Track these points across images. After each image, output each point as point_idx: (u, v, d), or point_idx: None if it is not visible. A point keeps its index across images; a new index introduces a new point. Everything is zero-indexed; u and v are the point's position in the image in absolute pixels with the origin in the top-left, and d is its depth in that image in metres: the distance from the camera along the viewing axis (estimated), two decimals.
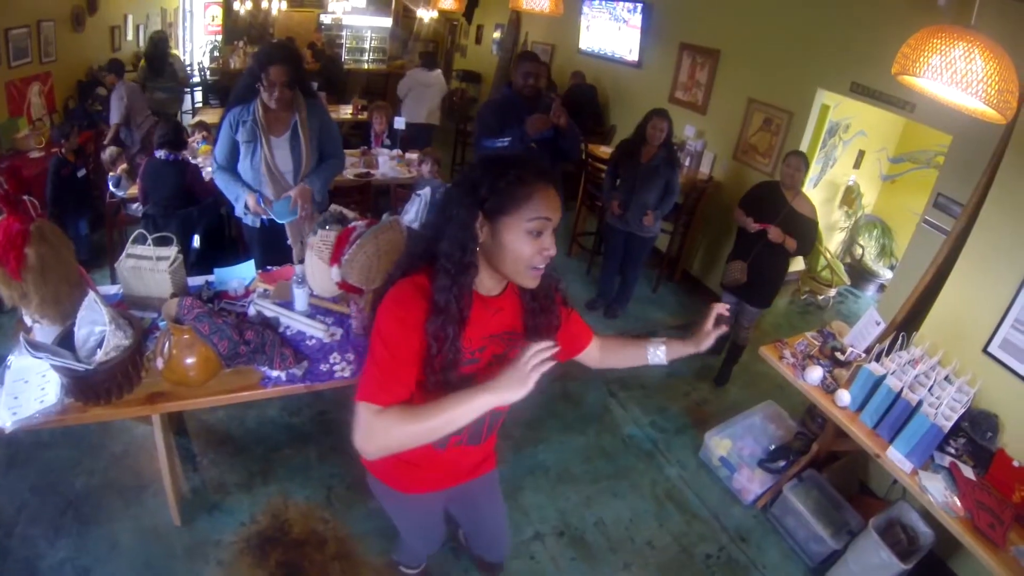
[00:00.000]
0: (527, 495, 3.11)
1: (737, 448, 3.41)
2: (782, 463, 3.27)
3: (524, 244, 1.35)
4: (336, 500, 2.92)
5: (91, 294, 2.12)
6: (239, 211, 3.30)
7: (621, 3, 6.68)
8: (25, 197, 2.19)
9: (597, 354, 1.85)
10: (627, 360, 1.83)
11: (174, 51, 8.95)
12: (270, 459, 3.10)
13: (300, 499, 2.91)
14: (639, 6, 6.38)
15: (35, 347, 1.97)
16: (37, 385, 2.12)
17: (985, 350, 2.79)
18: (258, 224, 3.34)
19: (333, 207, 2.97)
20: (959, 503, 2.34)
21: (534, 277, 1.40)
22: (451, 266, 1.35)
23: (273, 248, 3.37)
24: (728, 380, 4.30)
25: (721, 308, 1.70)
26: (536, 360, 1.27)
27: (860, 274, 6.15)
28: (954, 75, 1.92)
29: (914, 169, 6.07)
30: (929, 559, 2.70)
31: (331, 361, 2.47)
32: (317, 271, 2.69)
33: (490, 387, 1.28)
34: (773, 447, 3.38)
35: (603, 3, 6.98)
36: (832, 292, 5.71)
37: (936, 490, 2.35)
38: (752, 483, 3.24)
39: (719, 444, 3.43)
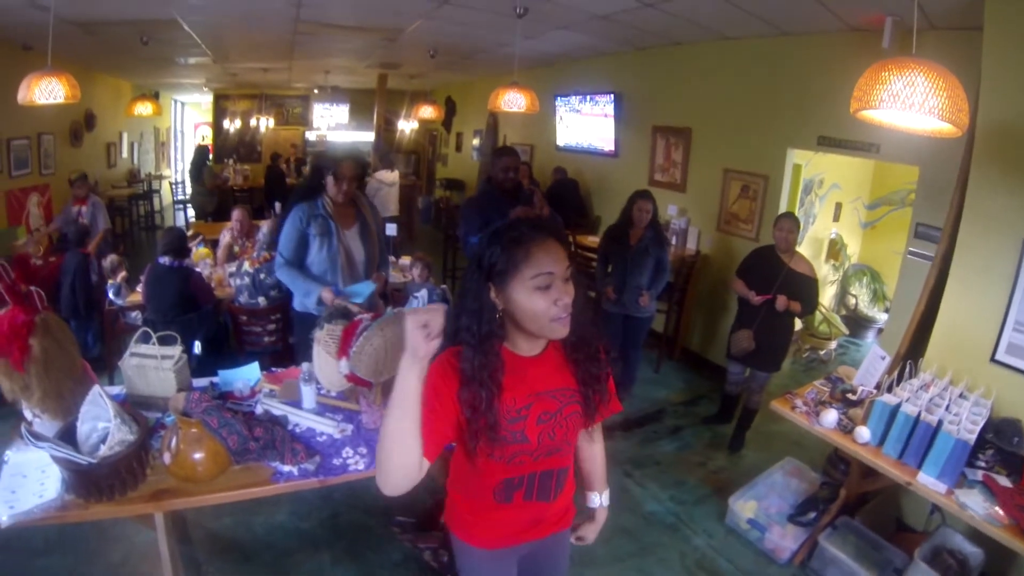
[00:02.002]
0: None
1: (763, 507, 3.30)
2: (812, 514, 3.16)
3: (536, 300, 1.37)
4: None
5: (96, 388, 2.06)
6: (308, 304, 3.31)
7: (592, 96, 7.00)
8: (32, 288, 2.19)
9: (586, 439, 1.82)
10: (583, 471, 1.89)
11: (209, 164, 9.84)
12: (281, 565, 2.95)
13: None
14: (610, 96, 6.68)
15: (36, 437, 1.92)
16: (36, 480, 2.04)
17: (993, 359, 2.82)
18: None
19: (337, 302, 3.00)
20: (1001, 512, 2.27)
21: (560, 327, 1.40)
22: (470, 337, 1.40)
23: None
24: (742, 446, 4.24)
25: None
26: (415, 324, 1.24)
27: (857, 323, 6.20)
28: (907, 98, 2.03)
29: (891, 211, 6.29)
30: None
31: (344, 456, 2.39)
32: (325, 365, 2.66)
33: (409, 357, 1.27)
34: (801, 500, 3.28)
35: (575, 98, 7.31)
36: (833, 345, 5.72)
37: (975, 504, 2.29)
38: (785, 540, 3.12)
39: (744, 507, 3.32)
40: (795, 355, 5.79)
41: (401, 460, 1.31)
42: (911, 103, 2.02)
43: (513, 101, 4.84)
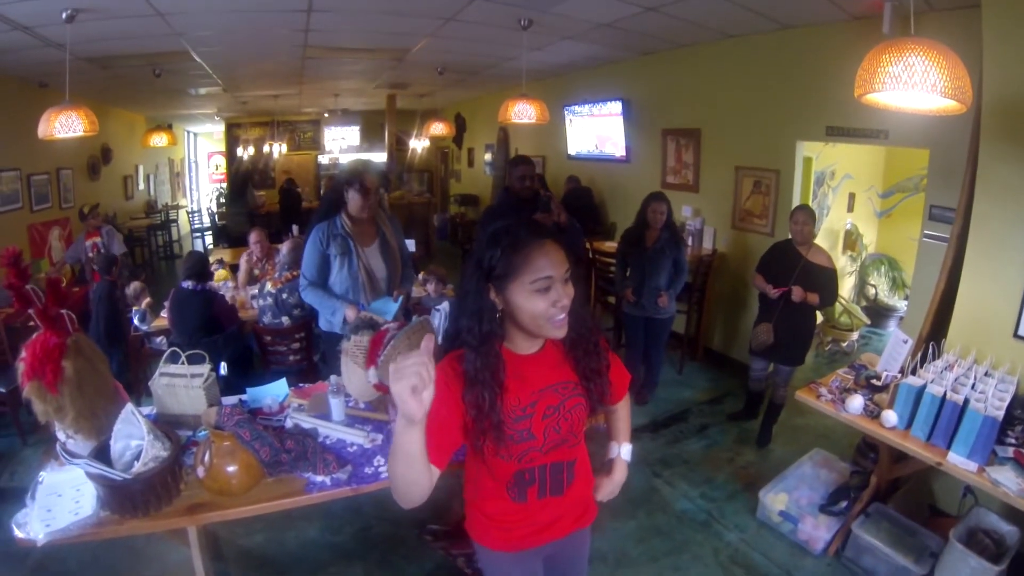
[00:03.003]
0: None
1: (794, 499, 3.28)
2: (844, 503, 3.14)
3: (535, 302, 1.39)
4: None
5: (128, 406, 2.09)
6: (333, 324, 3.34)
7: (601, 104, 7.04)
8: (63, 312, 2.23)
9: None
10: (607, 424, 1.90)
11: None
12: None
13: None
14: (618, 103, 6.71)
15: (71, 455, 1.95)
16: (71, 498, 2.06)
17: (1016, 335, 2.80)
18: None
19: (363, 314, 3.03)
20: None
21: (557, 328, 1.43)
22: (471, 338, 1.42)
23: None
24: (770, 440, 4.22)
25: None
26: (405, 391, 1.12)
27: (878, 313, 6.18)
28: (908, 77, 2.05)
29: (905, 198, 6.29)
30: (1020, 560, 2.57)
31: (375, 464, 2.40)
32: (353, 376, 2.68)
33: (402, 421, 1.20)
34: (831, 490, 3.26)
35: (584, 106, 7.36)
36: (855, 336, 5.70)
37: (1008, 480, 2.26)
38: (818, 530, 3.10)
39: (775, 499, 3.31)
40: (818, 348, 5.76)
41: (411, 488, 1.33)
42: (912, 82, 2.05)
43: (523, 112, 4.88)
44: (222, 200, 12.98)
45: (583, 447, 1.68)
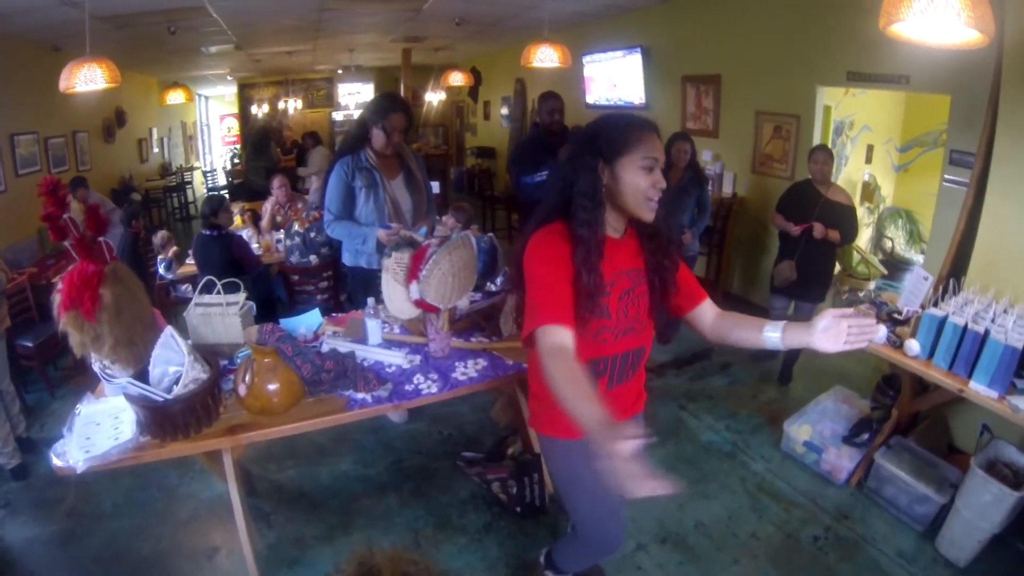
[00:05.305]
0: None
1: (818, 431, 3.34)
2: (866, 435, 3.18)
3: (640, 178, 1.57)
4: (424, 541, 2.83)
5: (168, 330, 2.08)
6: (360, 256, 3.35)
7: (618, 52, 6.96)
8: (101, 239, 2.21)
9: (710, 320, 1.80)
10: (742, 336, 1.71)
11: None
12: (349, 510, 3.02)
13: (386, 544, 2.75)
14: (636, 50, 6.64)
15: (112, 376, 1.96)
16: (110, 426, 2.07)
17: None
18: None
19: (403, 232, 3.03)
20: None
21: (651, 209, 1.60)
22: (587, 202, 1.57)
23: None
24: (791, 379, 4.28)
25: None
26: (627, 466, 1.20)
27: (894, 266, 6.15)
28: (935, 6, 2.01)
29: (923, 152, 6.20)
30: None
31: (415, 382, 2.44)
32: (393, 293, 2.70)
33: (604, 438, 1.22)
34: (853, 424, 3.30)
35: (602, 54, 7.29)
36: (871, 285, 5.70)
37: None
38: (842, 460, 3.15)
39: (799, 430, 3.37)
40: (834, 297, 5.75)
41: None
42: (940, 10, 2.00)
43: (546, 56, 4.87)
44: (236, 160, 12.93)
45: (650, 335, 1.80)
